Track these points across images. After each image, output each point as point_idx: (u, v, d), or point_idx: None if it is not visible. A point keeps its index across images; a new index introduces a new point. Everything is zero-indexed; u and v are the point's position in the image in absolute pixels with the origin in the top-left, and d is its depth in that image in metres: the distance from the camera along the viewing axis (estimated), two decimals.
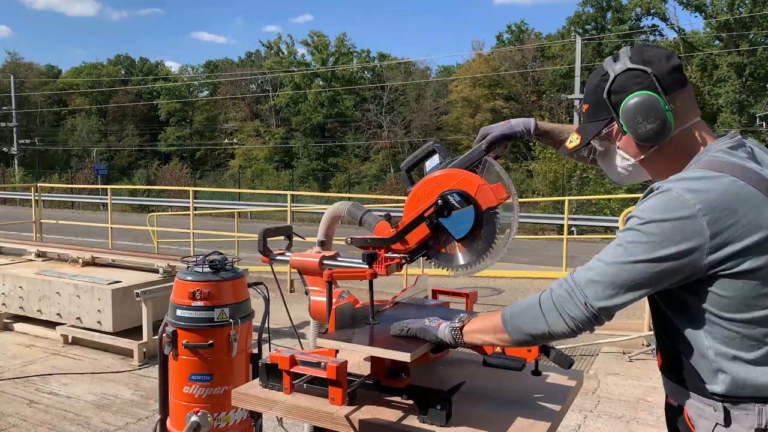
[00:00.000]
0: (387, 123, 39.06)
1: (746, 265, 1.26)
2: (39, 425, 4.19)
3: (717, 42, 32.51)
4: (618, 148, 1.50)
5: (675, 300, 1.36)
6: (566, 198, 12.74)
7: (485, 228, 1.73)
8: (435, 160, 1.84)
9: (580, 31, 33.84)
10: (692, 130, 1.43)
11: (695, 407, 1.39)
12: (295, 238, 2.36)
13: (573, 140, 1.56)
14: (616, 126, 1.47)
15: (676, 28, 33.64)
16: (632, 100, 1.40)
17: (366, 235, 1.90)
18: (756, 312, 1.28)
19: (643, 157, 1.46)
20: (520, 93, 37.53)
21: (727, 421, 1.32)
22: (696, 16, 52.37)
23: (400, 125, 39.28)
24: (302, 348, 2.14)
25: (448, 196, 1.72)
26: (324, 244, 2.17)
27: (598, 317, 1.32)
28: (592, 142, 1.53)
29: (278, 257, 2.20)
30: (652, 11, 33.48)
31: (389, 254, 1.84)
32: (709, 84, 31.84)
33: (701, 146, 1.42)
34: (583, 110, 1.54)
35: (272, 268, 2.32)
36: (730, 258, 1.26)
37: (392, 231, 1.84)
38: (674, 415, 1.48)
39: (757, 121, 29.57)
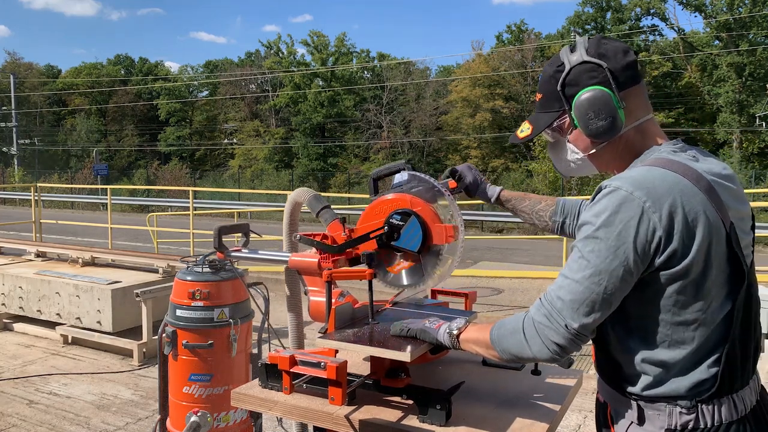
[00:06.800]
0: (387, 123, 39.03)
1: (686, 264, 1.25)
2: (39, 425, 4.19)
3: (717, 42, 32.52)
4: (568, 141, 1.49)
5: None
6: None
7: (428, 256, 1.82)
8: (403, 176, 1.90)
9: (580, 31, 33.82)
10: (643, 128, 1.43)
11: (615, 404, 1.42)
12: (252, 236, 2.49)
13: (524, 130, 1.54)
14: (567, 119, 1.46)
15: (676, 28, 33.68)
16: (585, 95, 1.39)
17: (314, 237, 1.98)
18: (687, 314, 1.28)
19: (592, 151, 1.46)
20: (520, 93, 37.51)
21: (641, 420, 1.35)
22: (696, 16, 52.47)
23: (400, 125, 39.26)
24: (283, 346, 2.19)
25: (391, 220, 1.80)
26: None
27: (581, 336, 1.31)
28: (543, 132, 1.52)
29: (234, 253, 2.26)
30: (652, 11, 33.49)
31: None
32: (709, 84, 31.86)
33: (650, 144, 1.42)
34: (537, 99, 1.53)
35: (232, 263, 2.41)
36: (673, 256, 1.25)
37: (343, 236, 1.91)
38: (600, 410, 1.51)
39: (757, 121, 29.58)
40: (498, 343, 1.42)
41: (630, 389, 1.36)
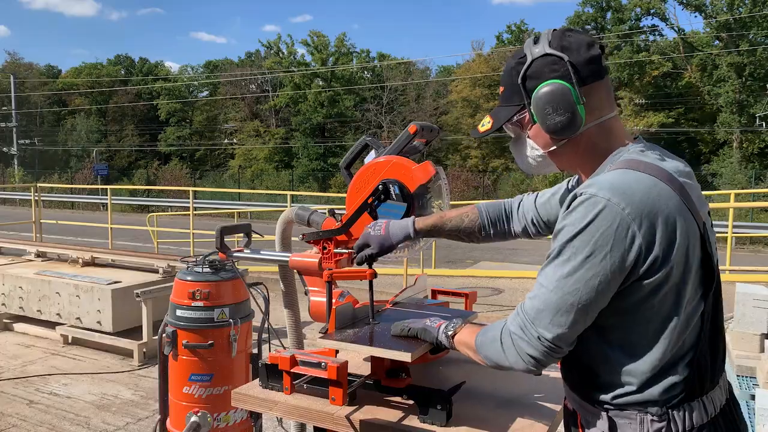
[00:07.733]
0: (387, 123, 39.03)
1: (667, 270, 1.22)
2: (39, 425, 4.19)
3: (717, 42, 32.50)
4: (528, 137, 1.43)
5: None
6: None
7: (418, 208, 1.81)
8: (372, 154, 1.92)
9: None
10: (606, 126, 1.37)
11: (585, 413, 1.39)
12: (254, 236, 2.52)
13: (485, 124, 1.48)
14: (528, 114, 1.40)
15: (676, 28, 33.62)
16: (544, 89, 1.33)
17: (317, 231, 2.00)
18: (667, 320, 1.25)
19: (552, 149, 1.40)
20: None
21: (612, 430, 1.32)
22: (696, 16, 52.35)
23: (400, 125, 39.20)
24: (283, 346, 2.19)
25: (390, 185, 1.78)
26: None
27: (556, 348, 1.28)
28: (504, 127, 1.47)
29: (236, 254, 2.28)
30: (652, 11, 33.44)
31: (338, 249, 1.93)
32: (709, 84, 31.83)
33: (615, 144, 1.37)
34: (500, 92, 1.48)
35: (234, 264, 2.43)
36: (654, 263, 1.21)
37: (338, 224, 1.91)
38: (570, 418, 1.48)
39: (757, 121, 29.57)
40: (480, 350, 1.42)
41: (601, 398, 1.32)
